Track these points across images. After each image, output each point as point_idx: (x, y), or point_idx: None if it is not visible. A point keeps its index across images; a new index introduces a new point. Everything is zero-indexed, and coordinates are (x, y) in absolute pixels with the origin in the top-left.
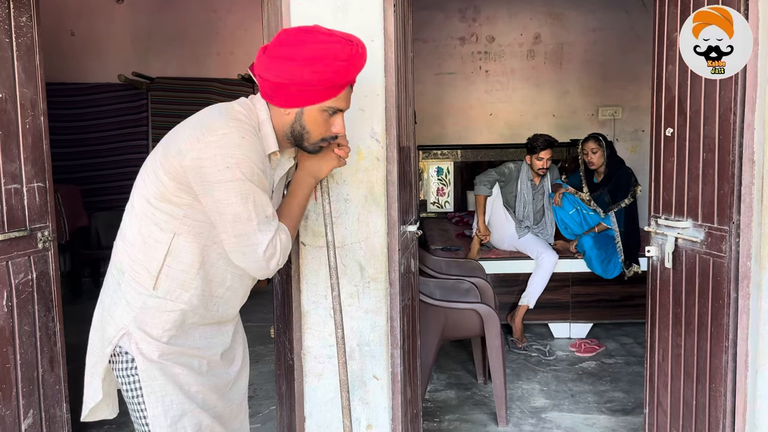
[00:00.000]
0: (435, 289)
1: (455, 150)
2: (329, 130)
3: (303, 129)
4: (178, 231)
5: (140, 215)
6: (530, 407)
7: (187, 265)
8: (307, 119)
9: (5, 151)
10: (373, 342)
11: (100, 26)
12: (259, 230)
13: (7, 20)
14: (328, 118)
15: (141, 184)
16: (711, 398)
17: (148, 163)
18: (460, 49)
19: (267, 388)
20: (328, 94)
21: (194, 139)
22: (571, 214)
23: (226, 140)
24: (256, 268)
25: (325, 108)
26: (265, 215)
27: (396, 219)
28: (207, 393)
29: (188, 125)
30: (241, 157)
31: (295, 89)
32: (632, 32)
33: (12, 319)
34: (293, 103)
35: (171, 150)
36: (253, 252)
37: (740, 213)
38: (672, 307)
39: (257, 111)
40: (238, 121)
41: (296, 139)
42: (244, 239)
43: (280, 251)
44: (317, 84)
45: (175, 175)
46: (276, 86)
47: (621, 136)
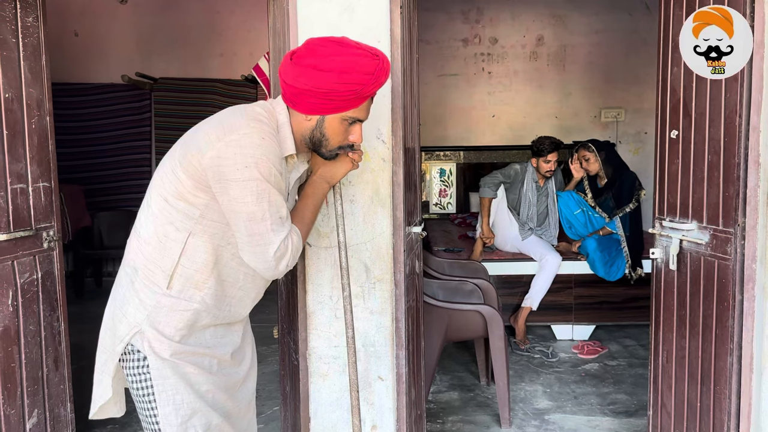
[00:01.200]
0: (438, 290)
1: (458, 151)
2: (347, 138)
3: (323, 136)
4: (194, 231)
5: (156, 214)
6: (533, 409)
7: (201, 265)
8: (328, 127)
9: (11, 150)
10: (378, 343)
11: (103, 27)
12: (273, 230)
13: (13, 20)
14: (347, 127)
15: (158, 182)
16: (715, 400)
17: (166, 161)
18: (462, 51)
19: (270, 388)
20: (351, 105)
21: (215, 137)
22: (576, 214)
23: (246, 140)
24: (265, 267)
25: (346, 117)
26: (279, 216)
27: (402, 220)
28: (217, 392)
29: (209, 124)
30: (260, 157)
31: (321, 98)
32: (635, 34)
33: (17, 319)
34: (316, 110)
35: (191, 148)
36: (264, 252)
37: (746, 215)
38: (676, 309)
39: (277, 114)
40: (258, 122)
41: (314, 144)
42: (256, 239)
43: (291, 253)
44: (343, 94)
45: (194, 173)
46: (301, 92)
47: (624, 138)
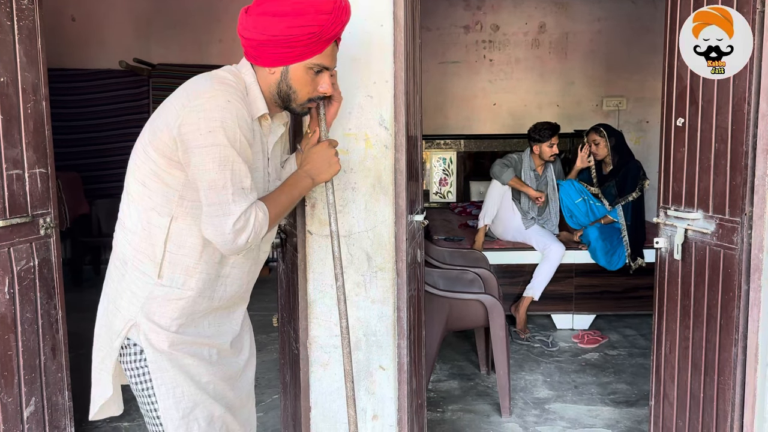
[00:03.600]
0: (439, 279)
1: (458, 140)
2: (316, 89)
3: (289, 89)
4: (176, 214)
5: (137, 200)
6: (533, 398)
7: (190, 249)
8: (293, 78)
9: (7, 136)
10: (379, 332)
11: (101, 12)
12: (233, 201)
13: (8, 3)
14: (314, 77)
15: (133, 167)
16: (719, 391)
17: (137, 144)
18: (464, 38)
19: (270, 377)
20: (313, 50)
21: (180, 106)
22: (577, 203)
23: (211, 103)
24: (222, 241)
25: (310, 65)
26: (242, 186)
27: (404, 208)
28: (218, 383)
29: (173, 97)
30: (226, 120)
31: (280, 46)
32: (638, 22)
33: (14, 306)
34: (278, 61)
35: (159, 125)
36: (222, 223)
37: (753, 204)
38: (680, 299)
39: (243, 75)
40: (224, 84)
41: (283, 100)
42: (215, 208)
43: (252, 228)
44: (302, 39)
45: (164, 150)
46: (260, 44)
47: (625, 127)
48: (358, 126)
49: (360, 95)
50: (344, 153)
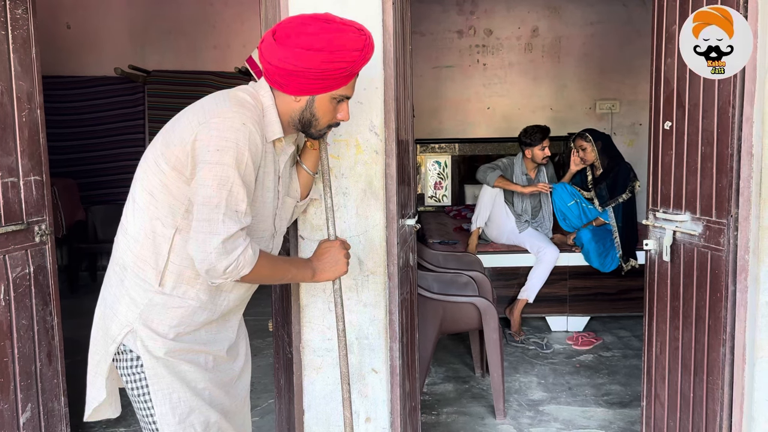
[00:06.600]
0: (433, 282)
1: (453, 144)
2: (335, 117)
3: (313, 116)
4: (180, 227)
5: (143, 209)
6: (528, 400)
7: (191, 262)
8: (318, 107)
9: (1, 144)
10: (371, 335)
11: (96, 19)
12: (223, 221)
13: (2, 12)
14: (336, 106)
15: (142, 176)
16: (708, 391)
17: (148, 153)
18: (457, 43)
19: (265, 381)
20: (341, 83)
21: (196, 123)
22: (569, 206)
23: (226, 124)
24: (203, 258)
25: (336, 96)
26: (236, 209)
27: (395, 212)
28: (214, 389)
29: (190, 111)
30: (239, 141)
31: (312, 78)
32: (630, 26)
33: (9, 313)
34: (306, 91)
35: (173, 139)
36: (206, 240)
37: (738, 206)
38: (670, 300)
39: (261, 97)
40: (242, 107)
41: (304, 125)
42: (204, 224)
43: (236, 259)
44: (335, 73)
45: (176, 163)
46: (290, 74)
47: (618, 129)
48: (349, 132)
49: (350, 101)
50: (335, 158)
